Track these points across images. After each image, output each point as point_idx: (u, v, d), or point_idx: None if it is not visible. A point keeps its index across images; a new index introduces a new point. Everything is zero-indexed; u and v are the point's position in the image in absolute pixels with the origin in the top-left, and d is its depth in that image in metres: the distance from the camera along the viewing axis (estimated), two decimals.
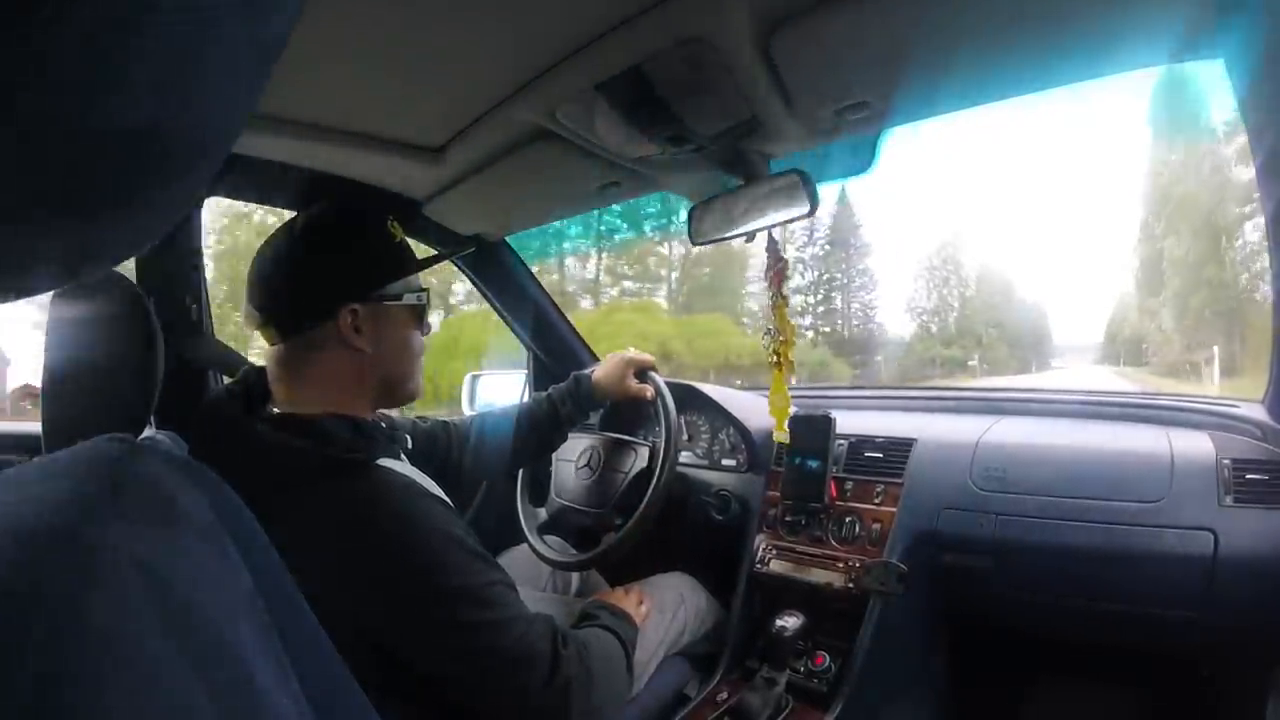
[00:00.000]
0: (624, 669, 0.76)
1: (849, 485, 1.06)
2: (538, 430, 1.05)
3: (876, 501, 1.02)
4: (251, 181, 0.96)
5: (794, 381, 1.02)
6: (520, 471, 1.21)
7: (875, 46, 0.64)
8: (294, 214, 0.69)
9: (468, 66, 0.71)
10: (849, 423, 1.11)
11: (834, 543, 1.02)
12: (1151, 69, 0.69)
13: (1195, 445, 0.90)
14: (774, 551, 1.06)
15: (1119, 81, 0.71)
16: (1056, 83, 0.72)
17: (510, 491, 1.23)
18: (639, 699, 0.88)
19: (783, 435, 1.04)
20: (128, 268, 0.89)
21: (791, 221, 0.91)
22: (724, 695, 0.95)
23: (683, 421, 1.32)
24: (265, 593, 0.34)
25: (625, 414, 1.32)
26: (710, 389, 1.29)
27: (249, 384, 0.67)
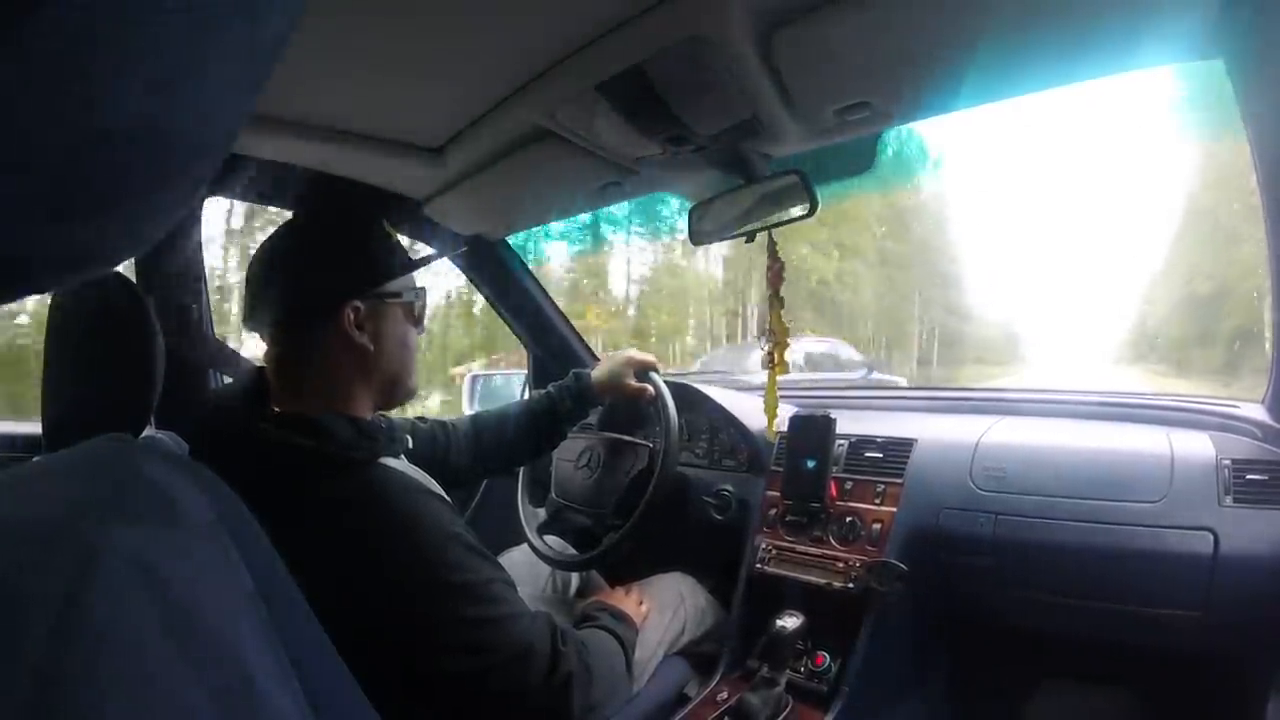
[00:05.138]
0: (623, 668, 0.76)
1: (849, 485, 1.05)
2: (537, 427, 1.05)
3: (876, 501, 1.02)
4: (251, 181, 0.96)
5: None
6: (520, 471, 1.21)
7: (876, 47, 0.64)
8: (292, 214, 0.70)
9: (468, 66, 0.71)
10: (849, 423, 1.11)
11: (834, 543, 1.01)
12: (1151, 69, 0.69)
13: (1195, 445, 0.89)
14: (774, 551, 1.06)
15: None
16: (1056, 83, 0.72)
17: (510, 491, 1.23)
18: (639, 699, 0.88)
19: (772, 435, 1.05)
20: (128, 268, 0.89)
21: (792, 221, 0.91)
22: (724, 695, 0.95)
23: (683, 421, 1.32)
24: (265, 593, 0.34)
25: (625, 414, 1.32)
26: (710, 389, 1.29)
27: (250, 383, 0.67)
